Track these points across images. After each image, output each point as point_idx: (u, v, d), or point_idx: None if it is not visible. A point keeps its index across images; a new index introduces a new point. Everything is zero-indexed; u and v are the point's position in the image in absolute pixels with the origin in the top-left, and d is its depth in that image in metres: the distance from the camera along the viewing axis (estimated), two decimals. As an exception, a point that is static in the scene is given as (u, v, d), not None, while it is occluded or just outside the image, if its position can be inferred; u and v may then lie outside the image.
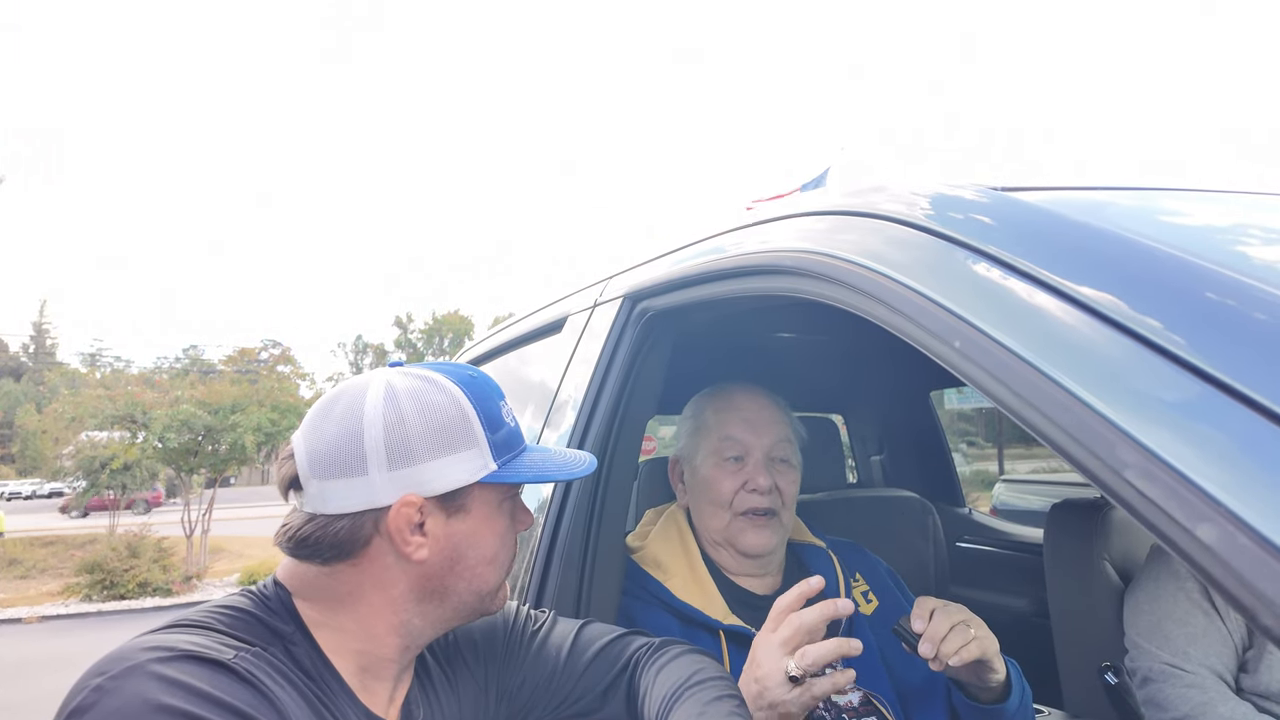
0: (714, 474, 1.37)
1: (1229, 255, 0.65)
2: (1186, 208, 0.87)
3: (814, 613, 0.97)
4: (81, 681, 0.68)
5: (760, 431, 1.38)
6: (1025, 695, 1.22)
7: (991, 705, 1.19)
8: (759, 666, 0.96)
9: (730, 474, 1.36)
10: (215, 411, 14.80)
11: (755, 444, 1.37)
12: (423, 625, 0.88)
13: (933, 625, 1.05)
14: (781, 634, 0.96)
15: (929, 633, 1.04)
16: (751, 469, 1.35)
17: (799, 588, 0.99)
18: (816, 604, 0.99)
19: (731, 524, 1.35)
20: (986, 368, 0.63)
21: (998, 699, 1.18)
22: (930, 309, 0.71)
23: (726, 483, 1.35)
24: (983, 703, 1.19)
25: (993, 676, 1.12)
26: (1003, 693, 1.18)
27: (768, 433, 1.38)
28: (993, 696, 1.18)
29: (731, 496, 1.35)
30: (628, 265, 1.52)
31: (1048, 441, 0.57)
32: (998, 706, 1.18)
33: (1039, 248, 0.68)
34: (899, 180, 0.95)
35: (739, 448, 1.37)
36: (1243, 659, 1.50)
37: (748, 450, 1.37)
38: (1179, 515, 0.46)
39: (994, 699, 1.18)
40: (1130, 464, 0.50)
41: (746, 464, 1.36)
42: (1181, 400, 0.50)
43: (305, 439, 0.83)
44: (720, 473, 1.37)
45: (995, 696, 1.18)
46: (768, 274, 1.03)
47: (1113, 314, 0.57)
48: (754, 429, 1.38)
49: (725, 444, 1.38)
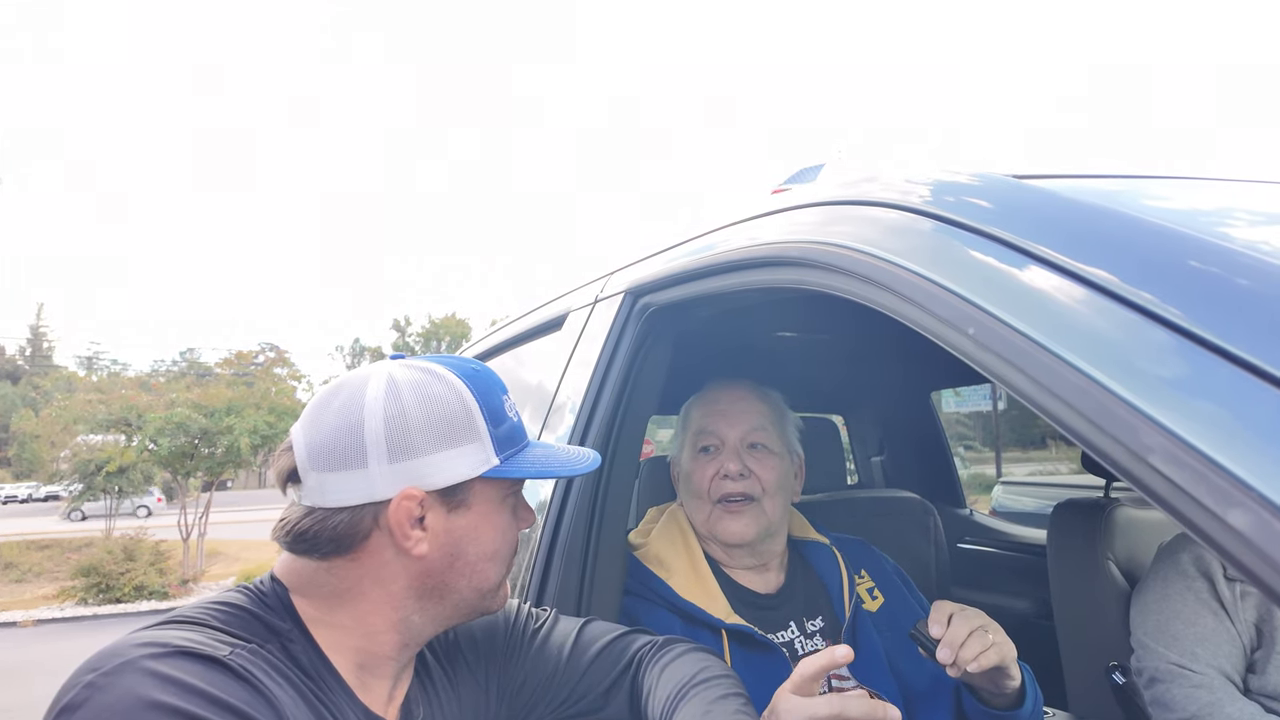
0: (691, 466, 1.40)
1: (1247, 240, 0.63)
2: (1206, 195, 0.85)
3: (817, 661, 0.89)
4: (74, 678, 0.66)
5: (733, 421, 1.39)
6: (1038, 701, 1.20)
7: (1005, 711, 1.17)
8: None
9: (704, 464, 1.38)
10: (211, 414, 14.77)
11: (728, 433, 1.38)
12: (422, 622, 0.86)
13: (951, 630, 1.03)
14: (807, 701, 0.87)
15: (947, 638, 1.02)
16: (724, 457, 1.36)
17: (824, 658, 0.90)
18: (819, 655, 0.90)
19: (711, 514, 1.36)
20: (1003, 355, 0.61)
21: (1011, 705, 1.16)
22: (942, 295, 0.69)
23: (700, 473, 1.37)
24: (996, 708, 1.17)
25: (1009, 683, 1.10)
26: (1017, 698, 1.16)
27: (741, 421, 1.39)
28: (1006, 702, 1.16)
29: (708, 486, 1.36)
30: (629, 260, 1.50)
31: (1067, 429, 0.55)
32: (1011, 712, 1.16)
33: (1052, 231, 0.66)
34: (892, 168, 0.94)
35: (713, 438, 1.39)
36: (1251, 659, 1.49)
37: (722, 440, 1.38)
38: (1208, 501, 0.44)
39: (1008, 705, 1.16)
40: (1155, 449, 0.48)
41: (720, 453, 1.37)
42: (1208, 383, 0.48)
43: (304, 430, 0.81)
44: (696, 464, 1.39)
45: (1009, 702, 1.16)
46: (772, 266, 1.01)
47: (1133, 298, 0.55)
48: (727, 419, 1.39)
49: (700, 436, 1.40)
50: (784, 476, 1.38)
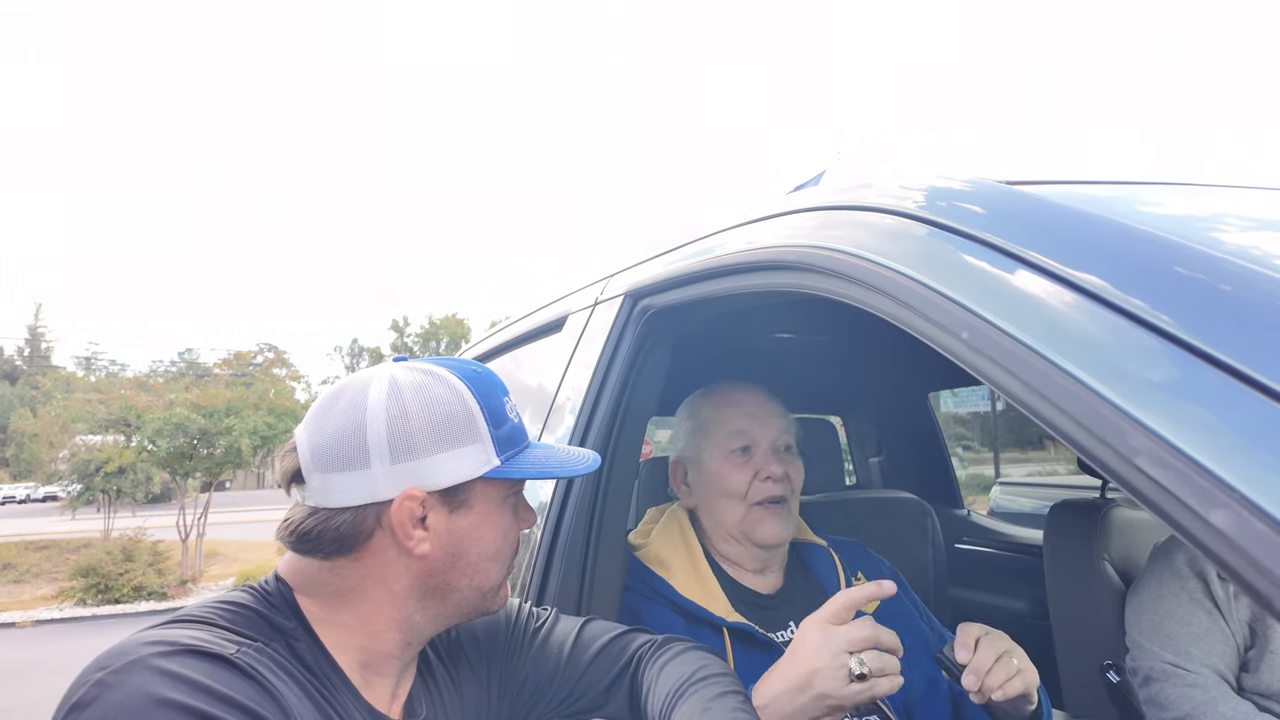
0: (723, 468, 1.38)
1: (1236, 246, 0.65)
2: (1195, 202, 0.87)
3: (863, 591, 0.96)
4: (83, 676, 0.67)
5: (765, 423, 1.39)
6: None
7: None
8: (815, 658, 0.92)
9: (739, 466, 1.37)
10: (209, 415, 14.76)
11: (762, 435, 1.38)
12: (424, 621, 0.87)
13: (978, 657, 1.00)
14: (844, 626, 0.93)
15: (974, 664, 1.00)
16: (761, 459, 1.36)
17: (870, 588, 0.96)
18: (865, 585, 0.97)
19: (748, 515, 1.35)
20: (995, 359, 0.62)
21: None
22: (936, 300, 0.70)
23: (737, 475, 1.36)
24: None
25: (1028, 708, 1.09)
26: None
27: (772, 424, 1.40)
28: None
29: (745, 488, 1.36)
30: (629, 263, 1.51)
31: (1057, 432, 0.57)
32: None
33: (1043, 237, 0.68)
34: (888, 174, 0.95)
35: (746, 439, 1.38)
36: (1244, 658, 1.50)
37: (755, 441, 1.38)
38: (1192, 502, 0.46)
39: None
40: (1142, 451, 0.49)
41: (755, 455, 1.37)
42: (1193, 387, 0.50)
43: (308, 432, 0.82)
44: (729, 465, 1.37)
45: None
46: (770, 270, 1.03)
47: (1123, 304, 0.57)
48: (758, 421, 1.39)
49: (732, 437, 1.39)
50: (803, 478, 1.41)
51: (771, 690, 0.94)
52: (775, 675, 0.96)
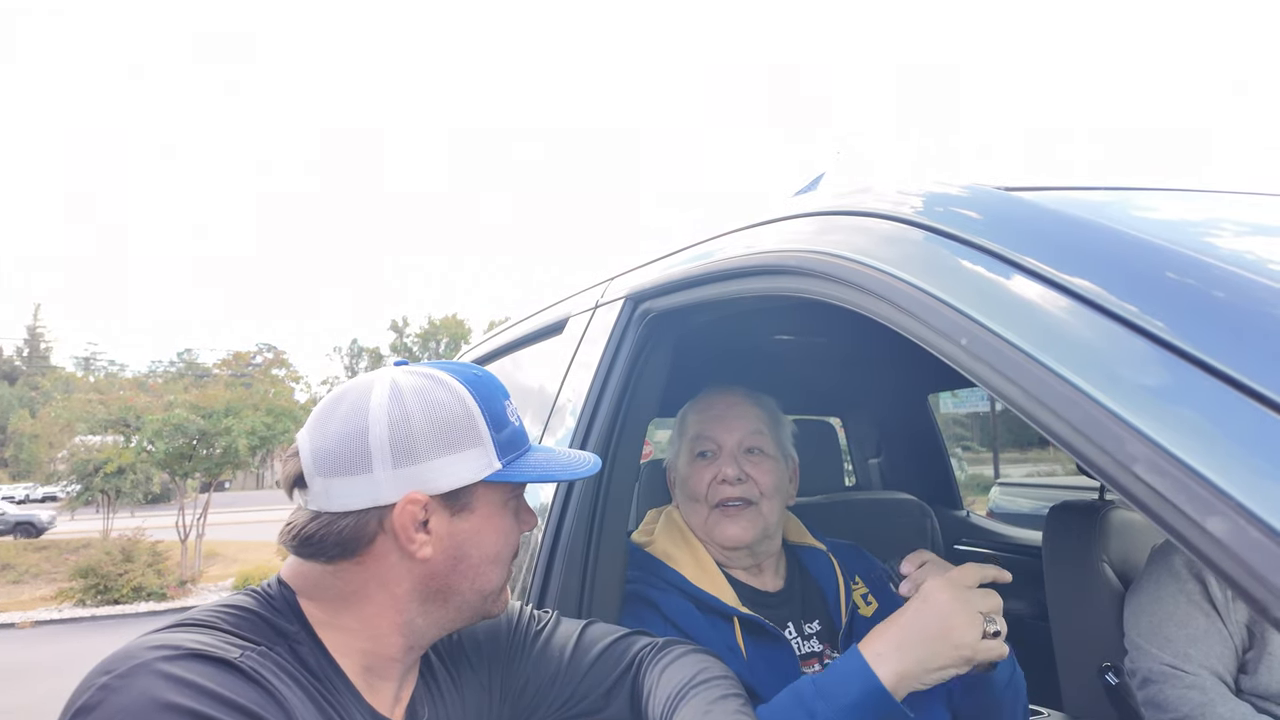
0: (688, 470, 1.42)
1: (1228, 250, 0.65)
2: (1191, 207, 0.87)
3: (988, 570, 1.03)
4: (87, 680, 0.68)
5: (730, 426, 1.41)
6: (1016, 672, 1.22)
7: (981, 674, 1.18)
8: (952, 613, 0.98)
9: (701, 469, 1.40)
10: (208, 415, 14.75)
11: (726, 439, 1.40)
12: (425, 625, 0.88)
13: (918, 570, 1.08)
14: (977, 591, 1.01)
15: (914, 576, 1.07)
16: (721, 461, 1.39)
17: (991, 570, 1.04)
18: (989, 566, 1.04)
19: (709, 518, 1.38)
20: (994, 365, 0.63)
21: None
22: (934, 305, 0.71)
23: (697, 477, 1.40)
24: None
25: None
26: None
27: (737, 427, 1.41)
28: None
29: (705, 490, 1.38)
30: (630, 266, 1.52)
31: (1056, 438, 0.57)
32: (986, 675, 1.17)
33: (1039, 243, 0.68)
34: (885, 179, 0.96)
35: (710, 444, 1.41)
36: (1242, 660, 1.51)
37: (719, 445, 1.40)
38: (1189, 509, 0.46)
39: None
40: (1139, 458, 0.50)
41: (717, 458, 1.40)
42: (1190, 395, 0.50)
43: (310, 436, 0.83)
44: (693, 469, 1.41)
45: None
46: (770, 274, 1.03)
47: (1117, 310, 0.57)
48: (723, 424, 1.42)
49: (697, 442, 1.42)
50: (780, 480, 1.40)
51: (901, 635, 0.99)
52: (903, 623, 1.00)
